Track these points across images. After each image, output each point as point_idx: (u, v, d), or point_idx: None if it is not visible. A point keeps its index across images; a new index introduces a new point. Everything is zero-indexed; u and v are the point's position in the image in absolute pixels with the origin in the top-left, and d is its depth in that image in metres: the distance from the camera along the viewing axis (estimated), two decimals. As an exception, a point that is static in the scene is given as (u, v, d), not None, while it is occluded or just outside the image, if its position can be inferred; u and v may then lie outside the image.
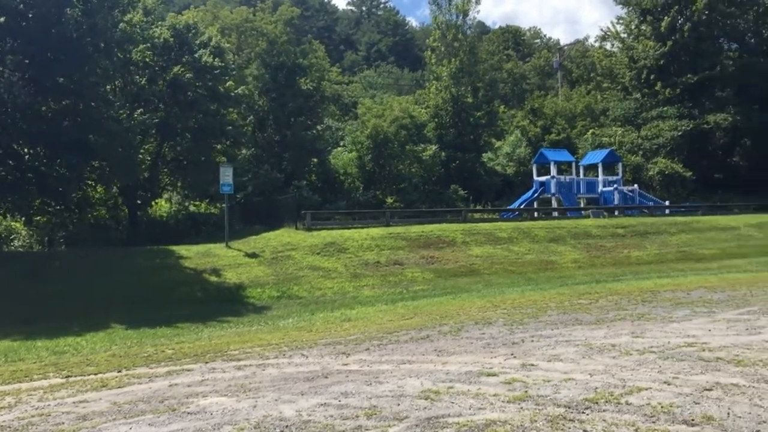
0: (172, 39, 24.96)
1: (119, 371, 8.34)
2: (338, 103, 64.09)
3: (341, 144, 39.39)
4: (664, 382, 6.34)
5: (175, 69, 23.89)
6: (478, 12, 78.62)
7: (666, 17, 40.36)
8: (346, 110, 52.77)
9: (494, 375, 6.99)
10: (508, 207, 32.77)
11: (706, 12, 40.54)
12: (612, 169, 34.72)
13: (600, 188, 33.23)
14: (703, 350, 7.86)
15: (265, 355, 8.93)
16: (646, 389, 6.10)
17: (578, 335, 9.39)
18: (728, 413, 5.19)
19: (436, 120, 39.35)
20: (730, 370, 6.71)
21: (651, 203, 33.17)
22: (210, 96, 25.15)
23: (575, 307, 12.87)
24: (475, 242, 21.20)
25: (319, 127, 35.85)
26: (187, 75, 23.88)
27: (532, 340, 9.10)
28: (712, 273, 19.62)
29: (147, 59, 24.37)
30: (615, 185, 32.64)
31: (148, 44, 24.00)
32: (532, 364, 7.47)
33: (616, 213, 30.69)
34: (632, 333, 9.38)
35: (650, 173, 38.00)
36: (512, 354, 8.17)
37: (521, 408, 5.62)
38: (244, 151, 33.05)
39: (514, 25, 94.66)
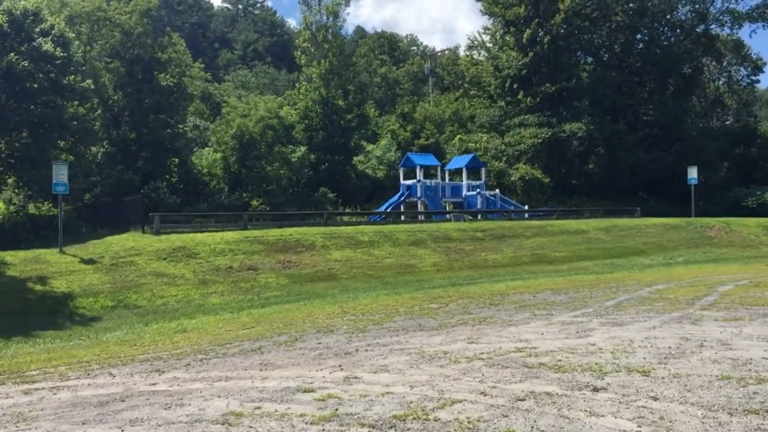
0: (7, 25, 22.65)
1: None
2: (209, 102, 61.89)
3: (210, 144, 37.84)
4: (481, 393, 6.10)
5: (9, 57, 21.67)
6: (347, 14, 78.90)
7: (528, 29, 42.09)
8: (218, 109, 50.89)
9: (311, 391, 6.49)
10: (375, 210, 32.71)
11: (564, 26, 42.68)
12: (476, 174, 35.62)
13: (464, 192, 33.95)
14: (530, 356, 7.78)
15: (67, 376, 7.93)
16: (461, 401, 5.82)
17: (415, 342, 9.13)
18: (532, 427, 4.97)
19: (306, 121, 38.71)
20: (548, 377, 6.60)
21: (512, 207, 34.32)
22: (51, 88, 23.04)
23: (424, 311, 12.72)
24: (335, 246, 20.78)
25: (181, 126, 34.10)
26: (23, 64, 21.72)
27: (367, 350, 8.72)
28: (561, 275, 20.38)
29: (-24, 46, 21.98)
30: (478, 190, 33.47)
31: (-22, 30, 21.66)
32: (356, 377, 7.06)
33: (479, 217, 31.44)
34: (469, 339, 9.24)
35: (512, 178, 39.42)
36: (340, 366, 7.72)
37: (323, 430, 5.13)
38: (95, 149, 30.81)
39: (390, 31, 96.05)
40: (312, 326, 11.28)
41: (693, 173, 34.90)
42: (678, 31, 49.76)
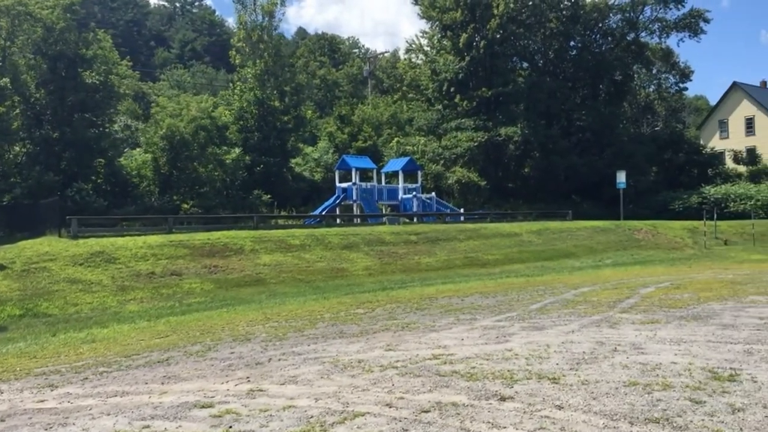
0: None
1: None
2: (142, 102, 60.14)
3: (141, 145, 36.69)
4: (387, 405, 5.87)
5: None
6: (283, 14, 78.08)
7: (464, 34, 42.40)
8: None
9: (210, 406, 6.13)
10: (310, 213, 32.28)
11: (500, 31, 43.22)
12: (413, 177, 35.63)
13: (400, 195, 33.90)
14: (445, 363, 7.61)
15: (-52, 394, 7.30)
16: (364, 415, 5.58)
17: (332, 350, 8.85)
18: (430, 442, 4.76)
19: (241, 122, 37.95)
20: (458, 386, 6.43)
21: (448, 210, 34.45)
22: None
23: (349, 317, 12.46)
24: (265, 250, 20.29)
25: (108, 126, 32.89)
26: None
27: (280, 359, 8.39)
28: (493, 278, 20.45)
29: None
30: (414, 193, 33.48)
31: None
32: (262, 390, 6.73)
33: (415, 220, 31.43)
34: (387, 346, 9.02)
35: (449, 181, 39.61)
36: (248, 377, 7.38)
37: (209, 451, 4.80)
38: (17, 149, 29.44)
39: (332, 33, 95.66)
40: (230, 334, 10.86)
41: (621, 177, 35.80)
42: (609, 38, 51.08)
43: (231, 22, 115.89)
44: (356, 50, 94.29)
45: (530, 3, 44.82)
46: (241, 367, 8.00)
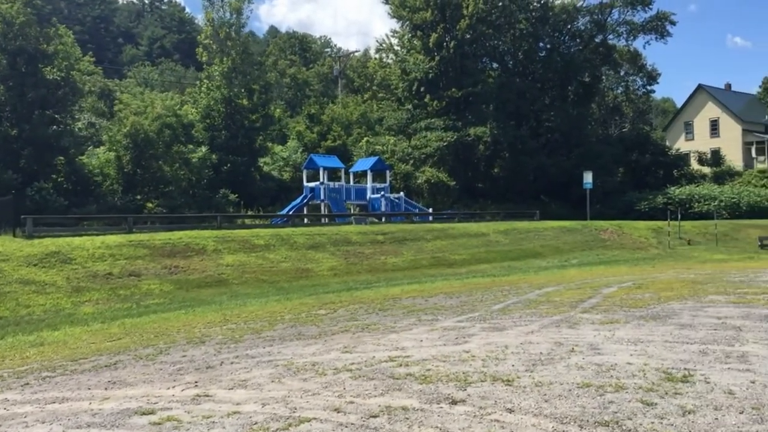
0: None
1: None
2: (108, 99, 59.06)
3: (104, 143, 35.96)
4: (335, 410, 5.69)
5: None
6: (251, 11, 77.50)
7: (434, 34, 42.42)
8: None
9: (151, 413, 5.89)
10: (277, 213, 31.94)
11: (470, 32, 43.32)
12: (382, 177, 35.48)
13: (369, 195, 33.72)
14: (401, 365, 7.46)
15: None
16: (310, 421, 5.40)
17: (287, 353, 8.64)
18: (373, 449, 4.59)
19: (208, 121, 37.43)
20: (411, 389, 6.28)
21: (416, 210, 34.37)
22: None
23: (310, 318, 12.25)
24: (228, 250, 19.95)
25: (71, 123, 32.16)
26: None
27: (233, 363, 8.16)
28: (459, 278, 20.39)
29: None
30: (383, 192, 33.33)
31: None
32: (208, 395, 6.50)
33: (383, 219, 31.27)
34: (345, 348, 8.84)
35: (419, 181, 39.56)
36: (196, 382, 7.13)
37: (142, 461, 4.57)
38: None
39: (303, 32, 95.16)
40: (185, 337, 10.58)
41: (588, 178, 36.08)
42: (578, 40, 51.59)
43: (201, 19, 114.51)
44: (328, 49, 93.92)
45: (500, 4, 45.02)
46: (191, 371, 7.75)
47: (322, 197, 31.90)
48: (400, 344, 8.95)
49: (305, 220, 30.44)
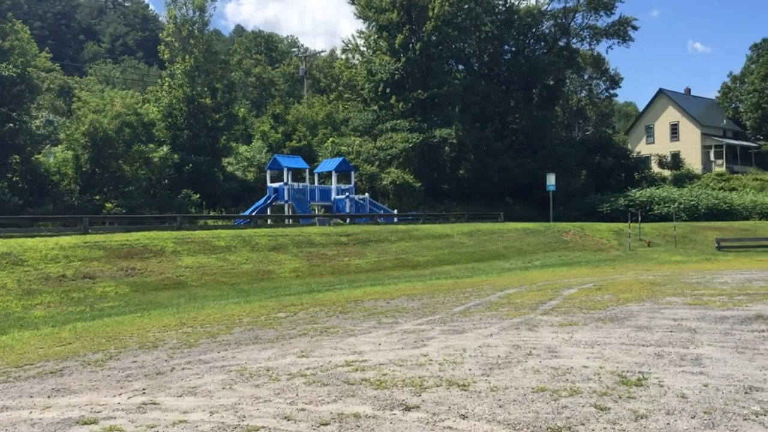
0: None
1: None
2: (68, 97, 57.69)
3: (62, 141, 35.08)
4: (286, 417, 5.53)
5: None
6: (214, 9, 76.63)
7: (400, 35, 42.38)
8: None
9: (93, 423, 5.65)
10: (240, 214, 31.52)
11: (436, 34, 43.38)
12: (346, 178, 35.29)
13: (333, 196, 33.50)
14: (357, 370, 7.32)
15: None
16: (258, 429, 5.25)
17: (242, 358, 8.44)
18: (320, 459, 4.44)
19: (170, 120, 36.78)
20: (365, 395, 6.15)
21: (381, 211, 34.26)
22: None
23: (269, 321, 12.03)
24: (187, 251, 19.56)
25: (27, 120, 31.28)
26: None
27: (184, 368, 7.92)
28: (422, 280, 20.32)
29: None
30: (347, 193, 33.15)
31: None
32: (155, 403, 6.27)
33: (348, 221, 31.10)
34: (301, 352, 8.67)
35: (384, 182, 39.47)
36: (144, 389, 6.89)
37: (77, 476, 4.35)
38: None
39: (270, 32, 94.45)
40: (137, 341, 10.28)
41: (551, 180, 36.42)
42: (542, 43, 52.14)
43: (164, 16, 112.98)
44: (295, 49, 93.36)
45: (466, 6, 45.18)
46: (140, 378, 7.50)
47: (286, 198, 31.57)
48: (358, 348, 8.82)
49: (269, 221, 30.08)
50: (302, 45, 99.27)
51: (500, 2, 49.16)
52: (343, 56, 50.54)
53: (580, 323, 10.16)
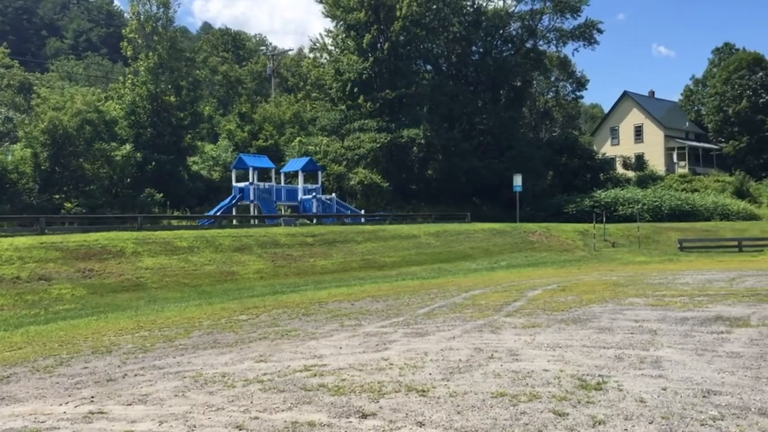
0: None
1: None
2: (29, 93, 56.31)
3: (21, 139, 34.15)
4: (238, 427, 5.35)
5: None
6: (179, 5, 75.45)
7: (368, 34, 42.22)
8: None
9: (33, 435, 5.38)
10: (205, 214, 31.02)
11: (404, 34, 43.30)
12: (313, 178, 34.99)
13: (300, 196, 33.19)
14: (315, 375, 7.15)
15: None
16: (207, 440, 5.03)
17: (198, 363, 8.20)
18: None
19: (133, 117, 36.06)
20: (322, 402, 5.98)
21: (349, 212, 34.06)
22: None
23: (229, 324, 11.79)
24: (148, 252, 19.13)
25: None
26: None
27: (137, 375, 7.66)
28: (388, 281, 20.20)
29: None
30: (314, 193, 32.87)
31: None
32: (103, 412, 6.02)
33: (315, 221, 30.83)
34: (260, 356, 8.47)
35: (351, 183, 39.27)
36: (92, 397, 6.63)
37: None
38: None
39: (238, 30, 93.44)
40: (91, 346, 9.95)
41: (518, 181, 36.61)
42: (510, 45, 52.46)
43: (128, 12, 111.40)
44: (263, 48, 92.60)
45: (434, 7, 45.20)
46: (90, 385, 7.22)
47: (251, 198, 31.17)
48: (318, 352, 8.65)
49: (234, 222, 29.67)
50: (270, 43, 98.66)
51: (468, 3, 49.32)
52: (311, 55, 50.20)
53: (543, 325, 10.13)
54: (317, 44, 47.20)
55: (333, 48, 46.13)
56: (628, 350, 7.87)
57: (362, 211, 35.08)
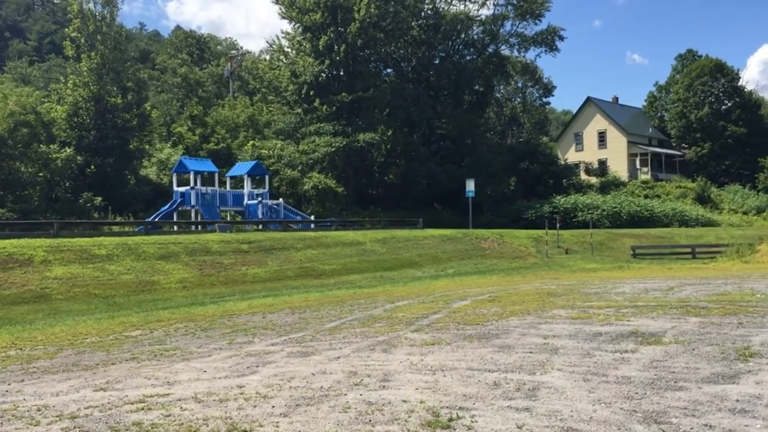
0: None
1: None
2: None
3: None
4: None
5: None
6: (122, 2, 73.83)
7: (324, 36, 41.27)
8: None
9: None
10: (144, 220, 29.72)
11: (362, 36, 42.43)
12: (261, 182, 33.88)
13: (246, 201, 32.04)
14: (143, 409, 6.13)
15: None
16: None
17: (29, 392, 7.17)
18: None
19: (75, 119, 34.63)
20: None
21: (298, 217, 32.99)
22: None
23: (113, 341, 10.76)
24: (60, 261, 17.91)
25: None
26: None
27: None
28: (322, 290, 19.25)
29: None
30: (260, 198, 31.73)
31: None
32: None
33: (260, 227, 29.71)
34: (106, 383, 7.46)
35: (305, 187, 38.23)
36: None
37: None
38: None
39: (207, 33, 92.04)
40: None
41: (470, 186, 35.84)
42: (472, 49, 51.84)
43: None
44: (235, 51, 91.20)
45: (392, 10, 44.37)
46: None
47: (193, 203, 29.94)
48: (177, 377, 7.64)
49: (174, 228, 28.43)
50: (242, 47, 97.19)
51: (427, 6, 48.59)
52: (267, 57, 49.04)
53: (444, 342, 9.24)
54: (273, 46, 46.12)
55: (289, 50, 45.06)
56: (512, 374, 6.97)
57: (312, 217, 34.01)
